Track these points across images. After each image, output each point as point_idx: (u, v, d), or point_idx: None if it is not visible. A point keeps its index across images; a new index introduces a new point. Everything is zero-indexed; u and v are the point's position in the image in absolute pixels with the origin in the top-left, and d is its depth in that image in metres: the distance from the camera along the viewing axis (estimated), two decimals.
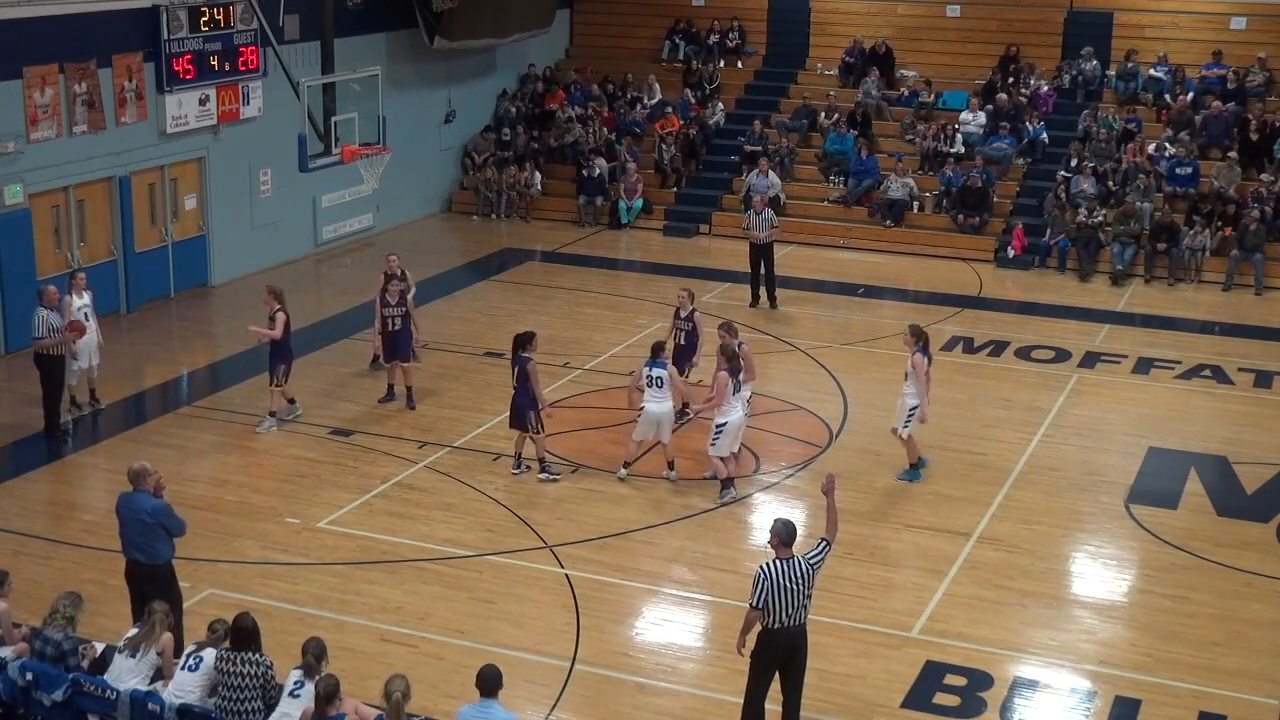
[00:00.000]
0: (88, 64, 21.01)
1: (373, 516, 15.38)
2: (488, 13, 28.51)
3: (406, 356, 18.55)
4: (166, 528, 11.73)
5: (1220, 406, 19.44)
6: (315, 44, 23.30)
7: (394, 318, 18.38)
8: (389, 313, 18.39)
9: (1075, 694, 12.31)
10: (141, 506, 11.69)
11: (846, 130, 29.04)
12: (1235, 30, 29.14)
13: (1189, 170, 26.75)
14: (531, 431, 16.27)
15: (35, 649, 10.73)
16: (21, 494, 15.94)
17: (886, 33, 31.02)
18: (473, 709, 9.69)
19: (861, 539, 14.95)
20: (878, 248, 27.29)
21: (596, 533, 15.06)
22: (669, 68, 32.02)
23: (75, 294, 17.80)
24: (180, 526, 11.89)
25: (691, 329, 18.13)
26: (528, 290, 24.47)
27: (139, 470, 11.85)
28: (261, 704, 10.18)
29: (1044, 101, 29.15)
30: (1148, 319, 23.57)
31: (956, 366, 20.74)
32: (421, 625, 13.08)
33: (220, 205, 23.97)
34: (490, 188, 29.43)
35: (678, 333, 18.21)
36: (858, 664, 12.59)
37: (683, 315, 18.20)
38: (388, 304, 18.40)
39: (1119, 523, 15.69)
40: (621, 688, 12.21)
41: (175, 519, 11.83)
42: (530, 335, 16.52)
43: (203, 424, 17.95)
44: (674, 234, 28.33)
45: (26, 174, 20.30)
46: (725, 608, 13.38)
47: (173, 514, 11.83)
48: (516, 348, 16.34)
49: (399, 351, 18.49)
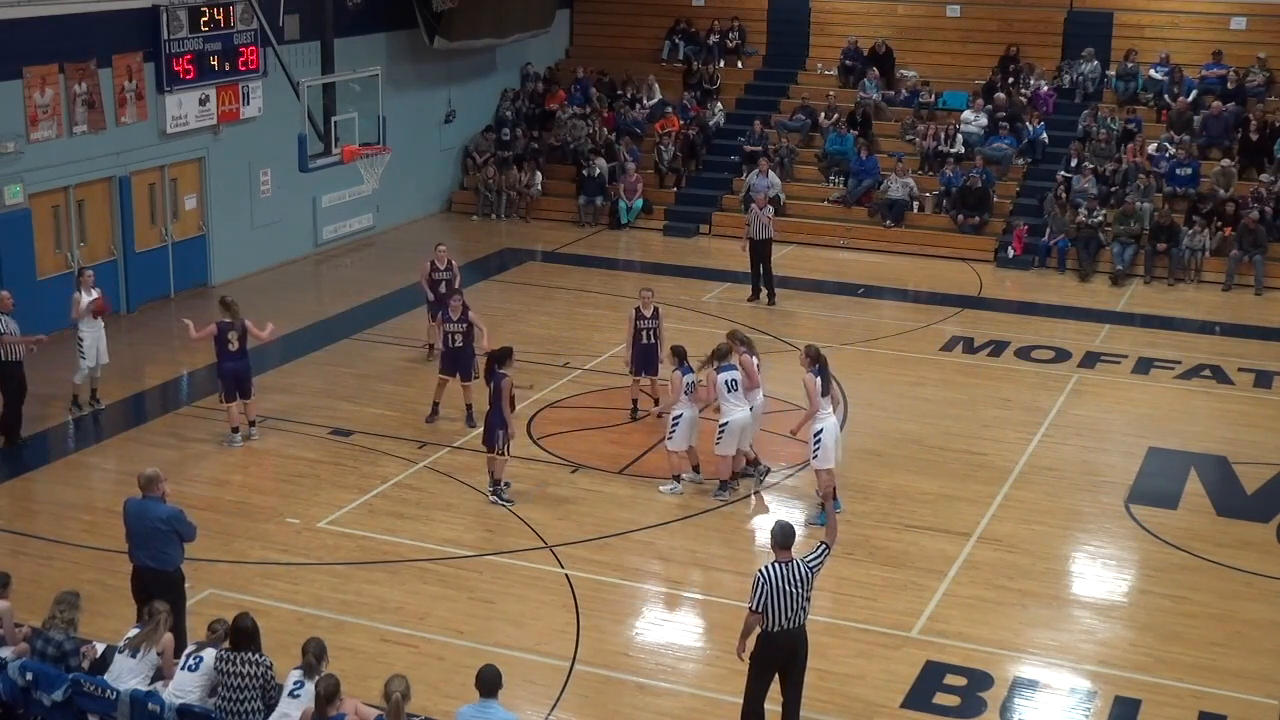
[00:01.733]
0: (88, 64, 21.01)
1: (373, 516, 15.38)
2: (488, 13, 28.51)
3: (469, 374, 17.63)
4: (180, 534, 11.77)
5: (1220, 406, 19.44)
6: (315, 44, 23.32)
7: (454, 334, 17.51)
8: (450, 329, 17.53)
9: (1075, 694, 12.31)
10: (156, 514, 11.71)
11: (846, 130, 29.05)
12: (1235, 30, 29.14)
13: (1189, 170, 26.75)
14: (497, 451, 15.70)
15: (36, 649, 10.73)
16: (21, 494, 15.94)
17: (886, 33, 31.02)
18: (472, 709, 9.69)
19: (861, 539, 14.95)
20: (878, 248, 27.30)
21: (596, 533, 15.06)
22: (669, 68, 32.02)
23: (85, 291, 17.83)
24: (193, 532, 11.96)
25: (656, 328, 18.02)
26: (528, 290, 24.47)
27: (151, 477, 11.88)
28: (261, 704, 10.18)
29: (1044, 101, 29.15)
30: (1148, 319, 23.57)
31: (956, 366, 20.75)
32: (421, 625, 13.08)
33: (220, 205, 23.97)
34: (490, 188, 29.43)
35: (641, 333, 18.01)
36: (858, 664, 12.58)
37: (647, 315, 18.01)
38: (449, 319, 17.56)
39: (1119, 523, 15.69)
40: (621, 688, 12.21)
41: (189, 525, 11.90)
42: (508, 351, 15.77)
43: (203, 424, 17.94)
44: (674, 234, 28.33)
45: (26, 174, 20.30)
46: (725, 608, 13.37)
47: (186, 519, 11.89)
48: (493, 364, 15.57)
49: (459, 367, 17.65)
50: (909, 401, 19.27)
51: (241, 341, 16.88)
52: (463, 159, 30.17)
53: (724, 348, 16.02)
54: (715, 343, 16.59)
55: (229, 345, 16.81)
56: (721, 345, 16.09)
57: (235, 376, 16.97)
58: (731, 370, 15.84)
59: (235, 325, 16.84)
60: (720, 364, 15.87)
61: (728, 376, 15.79)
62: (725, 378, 15.78)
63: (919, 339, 21.99)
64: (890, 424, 18.40)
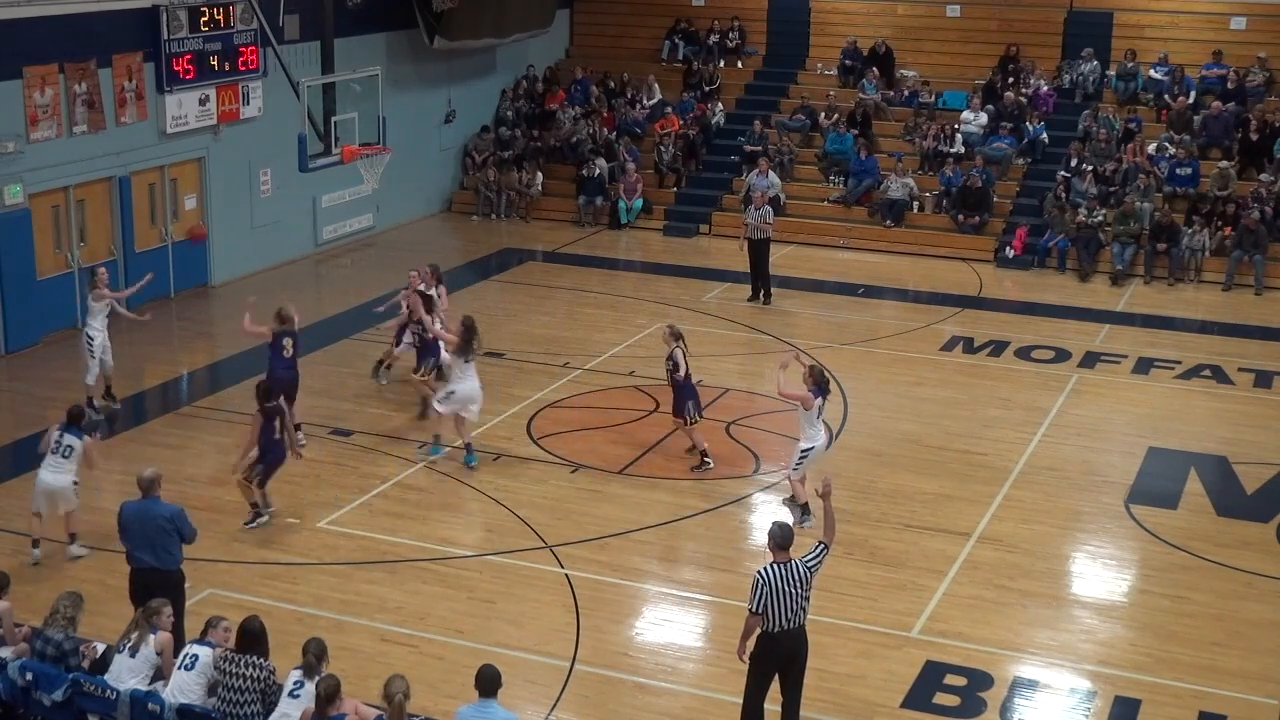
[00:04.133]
0: (88, 64, 21.01)
1: (373, 516, 15.39)
2: (488, 13, 28.52)
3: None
4: (182, 533, 11.85)
5: (1220, 406, 19.44)
6: (315, 44, 23.32)
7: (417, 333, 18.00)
8: (414, 327, 17.99)
9: (1075, 694, 12.31)
10: (159, 512, 11.83)
11: (846, 130, 29.05)
12: (1235, 30, 29.13)
13: (1189, 170, 26.75)
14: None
15: (36, 649, 10.73)
16: (22, 494, 15.91)
17: (886, 33, 31.01)
18: (472, 709, 9.69)
19: (861, 539, 14.95)
20: (878, 248, 27.30)
21: (596, 533, 15.06)
22: (669, 68, 32.02)
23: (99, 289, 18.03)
24: (194, 534, 12.07)
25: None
26: (528, 290, 24.48)
27: (152, 478, 12.01)
28: (261, 707, 10.17)
29: (1044, 101, 29.15)
30: (1148, 319, 23.57)
31: (956, 366, 20.75)
32: (421, 625, 13.08)
33: (220, 205, 23.97)
34: (490, 188, 29.43)
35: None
36: (858, 664, 12.59)
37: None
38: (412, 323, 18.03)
39: (1119, 523, 15.70)
40: (621, 688, 12.21)
41: (190, 525, 12.00)
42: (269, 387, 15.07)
43: (203, 424, 17.95)
44: (674, 234, 28.33)
45: (26, 174, 20.30)
46: (725, 608, 13.37)
47: (187, 519, 12.00)
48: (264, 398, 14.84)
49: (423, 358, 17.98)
50: (909, 401, 19.27)
51: (295, 349, 16.91)
52: (463, 159, 30.17)
53: (820, 371, 15.30)
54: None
55: (284, 352, 16.81)
56: (816, 368, 15.37)
57: (284, 384, 16.60)
58: (822, 395, 15.09)
59: (290, 333, 16.82)
60: (814, 387, 15.10)
61: (820, 403, 15.10)
62: (819, 403, 15.08)
63: (919, 339, 22.00)
64: (890, 424, 18.40)
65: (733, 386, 19.54)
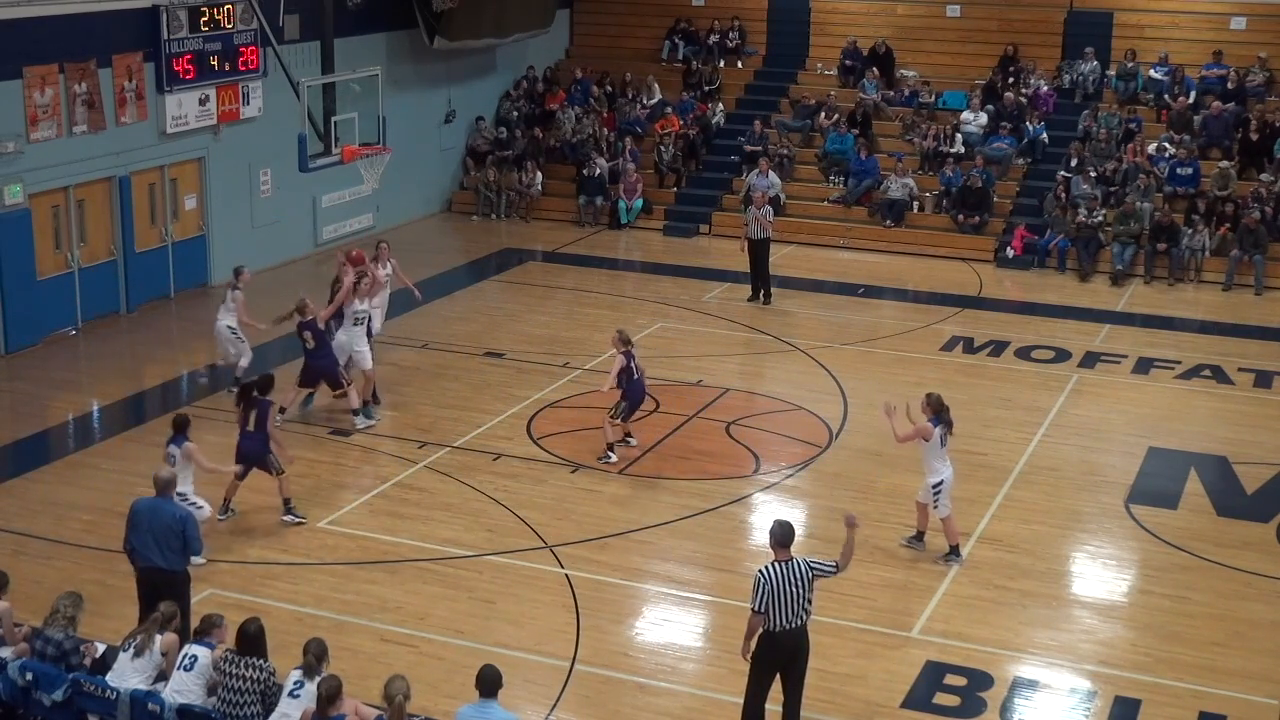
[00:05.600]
0: (88, 64, 21.01)
1: (373, 516, 15.39)
2: (488, 13, 28.52)
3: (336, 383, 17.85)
4: (187, 539, 11.88)
5: (1220, 406, 19.44)
6: (315, 44, 23.31)
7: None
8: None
9: (1075, 694, 12.31)
10: (170, 512, 11.90)
11: (846, 130, 29.05)
12: (1235, 30, 29.13)
13: (1189, 170, 26.75)
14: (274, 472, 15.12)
15: (36, 649, 10.73)
16: (21, 494, 15.93)
17: (886, 33, 31.01)
18: (472, 709, 9.69)
19: (862, 539, 14.75)
20: (878, 248, 27.29)
21: (596, 533, 15.06)
22: (669, 68, 32.02)
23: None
24: (200, 546, 12.18)
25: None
26: (528, 290, 24.48)
27: (169, 479, 12.16)
28: (260, 708, 10.17)
29: (1044, 101, 29.15)
30: (1148, 319, 23.57)
31: (956, 366, 20.75)
32: (421, 625, 13.08)
33: (220, 205, 23.97)
34: (490, 188, 29.43)
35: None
36: (858, 664, 12.59)
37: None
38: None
39: (1119, 523, 15.69)
40: (621, 688, 12.21)
41: (197, 535, 12.08)
42: (269, 379, 15.44)
43: (203, 424, 17.91)
44: (674, 234, 28.33)
45: (26, 174, 20.29)
46: (725, 608, 13.38)
47: (196, 528, 12.09)
48: (255, 392, 15.07)
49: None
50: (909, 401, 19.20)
51: (318, 339, 17.31)
52: (463, 159, 30.17)
53: (937, 398, 14.67)
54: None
55: (306, 344, 17.33)
56: (934, 395, 14.73)
57: (322, 372, 17.52)
58: (942, 424, 14.53)
59: (309, 324, 17.26)
60: (932, 416, 14.54)
61: (941, 431, 14.51)
62: (939, 432, 14.49)
63: (919, 339, 21.99)
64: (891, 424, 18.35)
65: (733, 386, 19.53)
